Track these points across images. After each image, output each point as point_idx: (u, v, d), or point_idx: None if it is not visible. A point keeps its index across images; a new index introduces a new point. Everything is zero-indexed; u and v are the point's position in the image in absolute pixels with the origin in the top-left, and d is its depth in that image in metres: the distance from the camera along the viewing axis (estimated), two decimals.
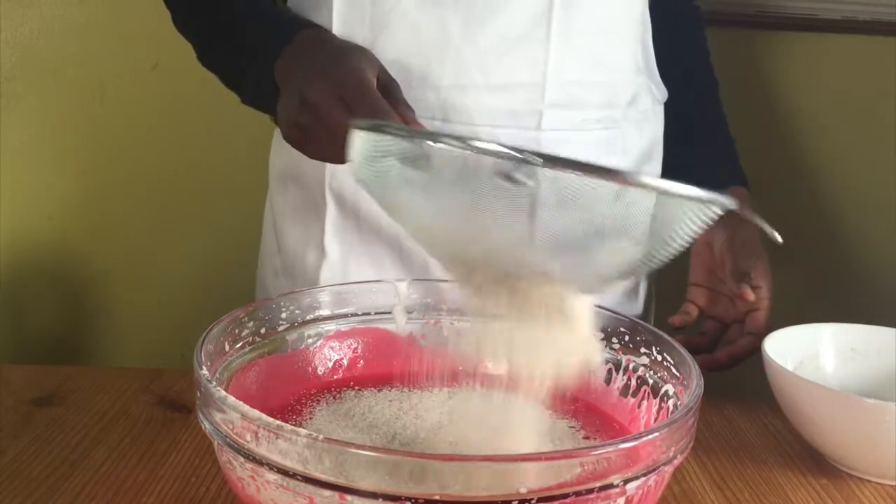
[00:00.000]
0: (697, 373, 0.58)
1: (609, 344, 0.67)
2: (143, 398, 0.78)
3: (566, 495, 0.45)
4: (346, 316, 0.69)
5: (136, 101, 1.46)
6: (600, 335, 0.66)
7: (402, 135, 0.51)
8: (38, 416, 0.74)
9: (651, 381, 0.63)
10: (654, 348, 0.64)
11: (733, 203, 0.47)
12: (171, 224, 1.51)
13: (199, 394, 0.52)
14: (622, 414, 0.65)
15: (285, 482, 0.46)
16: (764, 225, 0.52)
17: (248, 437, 0.48)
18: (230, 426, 0.49)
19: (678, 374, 0.60)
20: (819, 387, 0.70)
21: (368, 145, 0.52)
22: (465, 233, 0.52)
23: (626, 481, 0.47)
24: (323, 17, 0.83)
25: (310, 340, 0.68)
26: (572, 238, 0.49)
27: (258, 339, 0.64)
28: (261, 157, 0.99)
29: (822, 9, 1.42)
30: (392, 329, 0.70)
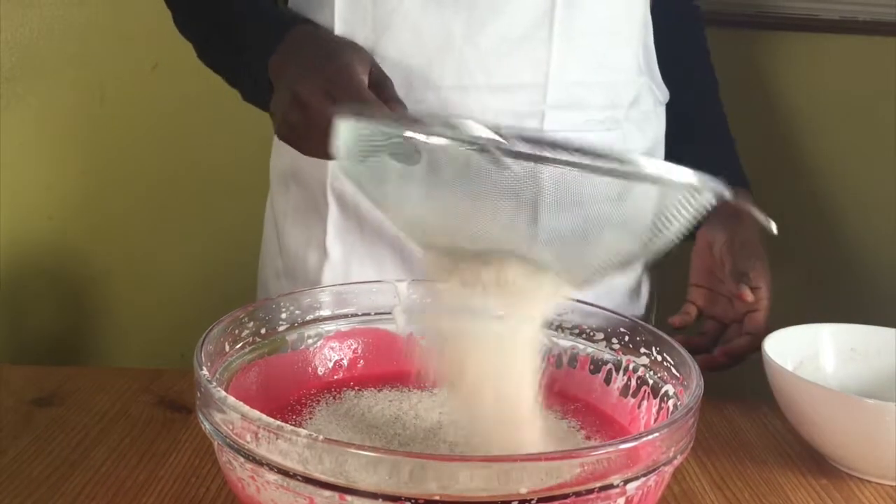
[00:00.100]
0: (697, 373, 0.58)
1: (609, 344, 0.67)
2: (143, 398, 0.78)
3: (566, 495, 0.45)
4: (346, 316, 0.69)
5: (136, 102, 1.46)
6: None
7: (384, 123, 0.51)
8: (39, 416, 0.74)
9: (651, 382, 0.63)
10: (654, 348, 0.64)
11: (723, 188, 0.47)
12: (171, 224, 1.51)
13: (199, 394, 0.52)
14: (622, 414, 0.65)
15: (285, 482, 0.46)
16: (759, 214, 0.52)
17: (248, 438, 0.48)
18: (230, 426, 0.49)
19: (678, 375, 0.60)
20: (819, 387, 0.70)
21: (352, 136, 0.52)
22: (455, 221, 0.51)
23: (626, 481, 0.47)
24: (324, 18, 0.83)
25: (310, 341, 0.68)
26: (567, 228, 0.49)
27: (258, 340, 0.64)
28: (261, 158, 1.00)
29: (822, 9, 1.42)
30: (392, 329, 0.70)
